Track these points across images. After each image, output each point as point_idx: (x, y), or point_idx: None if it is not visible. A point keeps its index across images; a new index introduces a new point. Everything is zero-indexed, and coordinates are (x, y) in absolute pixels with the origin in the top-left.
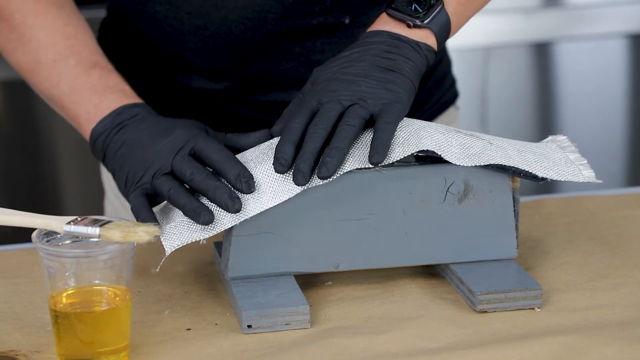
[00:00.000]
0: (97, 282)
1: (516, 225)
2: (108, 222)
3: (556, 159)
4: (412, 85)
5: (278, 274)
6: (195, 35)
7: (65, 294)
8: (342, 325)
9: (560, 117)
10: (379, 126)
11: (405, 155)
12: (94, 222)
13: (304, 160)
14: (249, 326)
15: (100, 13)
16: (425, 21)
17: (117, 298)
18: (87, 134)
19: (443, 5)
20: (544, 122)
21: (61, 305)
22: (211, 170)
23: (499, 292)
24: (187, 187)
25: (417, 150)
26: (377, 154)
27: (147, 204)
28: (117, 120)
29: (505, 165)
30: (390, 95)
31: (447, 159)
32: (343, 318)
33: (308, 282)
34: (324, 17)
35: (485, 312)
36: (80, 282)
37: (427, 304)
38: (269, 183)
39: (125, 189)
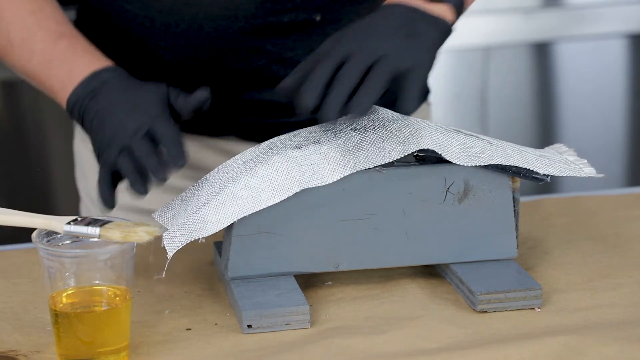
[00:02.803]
0: (97, 282)
1: (516, 225)
2: (108, 222)
3: (556, 159)
4: (433, 56)
5: (278, 274)
6: (166, 33)
7: (65, 294)
8: (342, 325)
9: (560, 117)
10: (404, 86)
11: (406, 154)
12: (94, 222)
13: (334, 97)
14: (249, 326)
15: (70, 15)
16: None
17: (117, 298)
18: (63, 103)
19: None
20: (544, 122)
21: (61, 305)
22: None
23: (499, 292)
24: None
25: (418, 149)
26: (406, 104)
27: (108, 180)
28: (89, 88)
29: (505, 166)
30: (414, 58)
31: (448, 159)
32: (343, 318)
33: (308, 282)
34: (295, 14)
35: (485, 312)
36: (80, 282)
37: (427, 304)
38: (268, 182)
39: (97, 161)
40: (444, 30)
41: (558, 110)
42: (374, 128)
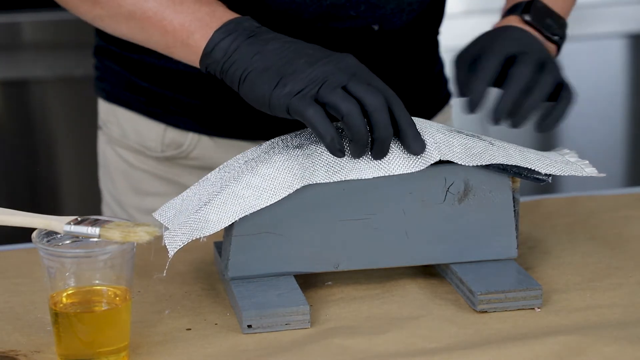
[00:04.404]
0: (97, 282)
1: (516, 225)
2: (108, 222)
3: (557, 160)
4: None
5: (278, 274)
6: None
7: (65, 294)
8: (342, 325)
9: None
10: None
11: (410, 164)
12: (94, 222)
13: (506, 101)
14: (249, 326)
15: None
16: (556, 38)
17: (117, 298)
18: (201, 39)
19: (567, 26)
20: None
21: (61, 305)
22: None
23: (499, 292)
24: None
25: (421, 157)
26: (546, 126)
27: (325, 115)
28: (242, 27)
29: (506, 166)
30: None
31: (449, 159)
32: (343, 318)
33: (308, 282)
34: (355, 22)
35: (485, 312)
36: (80, 282)
37: (427, 304)
38: (270, 181)
39: (274, 91)
40: None
41: None
42: None
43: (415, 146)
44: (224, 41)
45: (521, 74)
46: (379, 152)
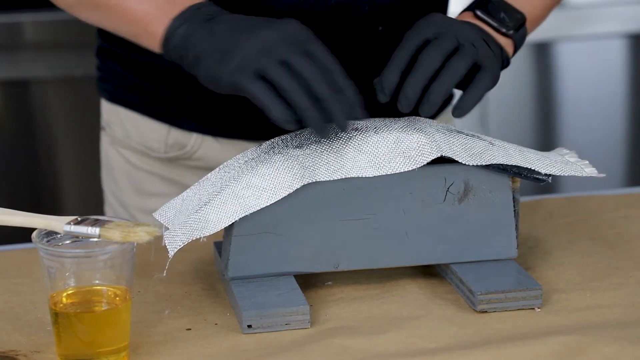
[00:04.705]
0: (97, 282)
1: (516, 225)
2: (108, 222)
3: (557, 160)
4: (498, 75)
5: (278, 274)
6: None
7: (65, 294)
8: (342, 325)
9: (560, 117)
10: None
11: (410, 162)
12: (94, 222)
13: (412, 86)
14: (249, 326)
15: None
16: (511, 32)
17: (117, 298)
18: (160, 27)
19: (526, 21)
20: (544, 122)
21: (61, 305)
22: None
23: (499, 292)
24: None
25: (421, 159)
26: (460, 109)
27: (267, 88)
28: (199, 13)
29: (506, 166)
30: (490, 59)
31: (449, 155)
32: (343, 318)
33: (308, 282)
34: (359, 22)
35: (485, 312)
36: (80, 282)
37: (427, 304)
38: (270, 181)
39: (220, 69)
40: (504, 59)
41: (558, 110)
42: (374, 128)
43: (355, 112)
44: (180, 28)
45: (427, 58)
46: (337, 119)
